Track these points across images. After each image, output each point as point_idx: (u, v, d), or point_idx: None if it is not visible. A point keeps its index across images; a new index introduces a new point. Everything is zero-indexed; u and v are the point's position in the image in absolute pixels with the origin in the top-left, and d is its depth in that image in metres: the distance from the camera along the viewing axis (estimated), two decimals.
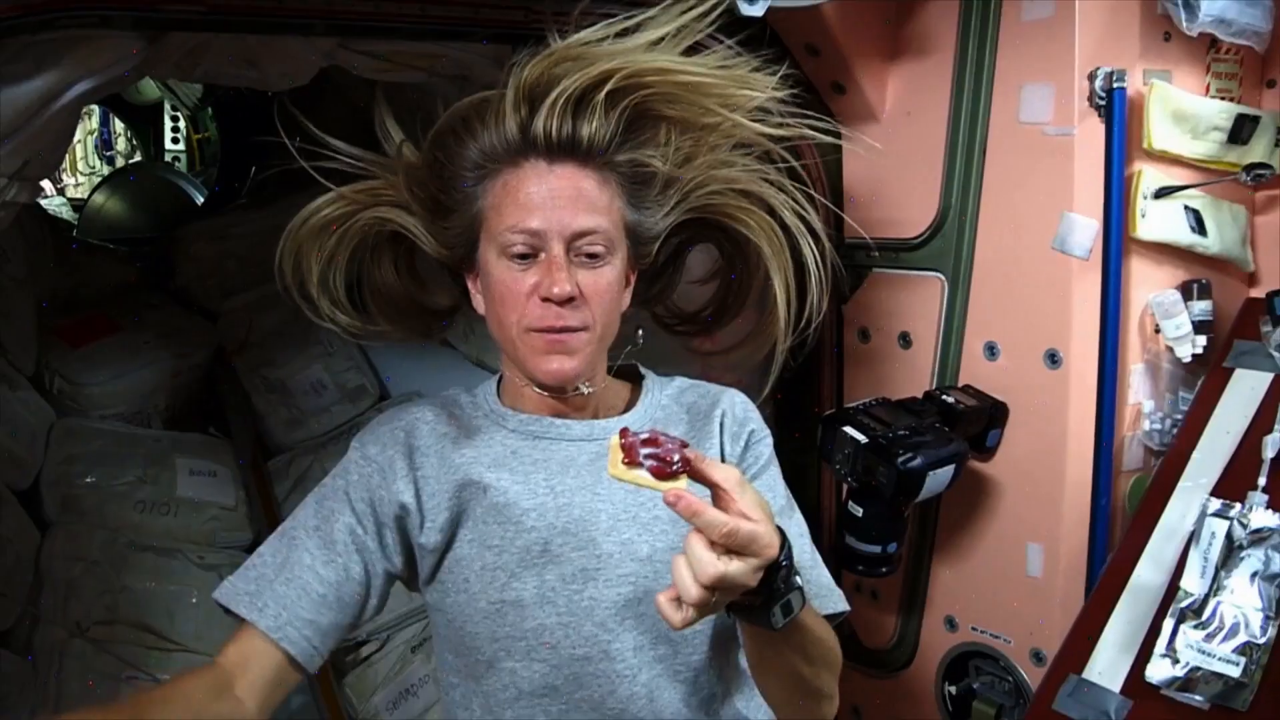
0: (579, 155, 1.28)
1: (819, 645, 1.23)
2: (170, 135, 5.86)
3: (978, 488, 1.93)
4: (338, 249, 1.41)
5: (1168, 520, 1.66)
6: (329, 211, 1.39)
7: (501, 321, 1.29)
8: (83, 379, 2.54)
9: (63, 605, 2.13)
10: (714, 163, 1.37)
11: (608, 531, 1.30)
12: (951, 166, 1.90)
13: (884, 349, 2.09)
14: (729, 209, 1.40)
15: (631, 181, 1.32)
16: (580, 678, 1.29)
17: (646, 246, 1.37)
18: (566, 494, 1.31)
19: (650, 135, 1.33)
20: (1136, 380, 1.82)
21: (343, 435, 2.72)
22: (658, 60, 1.29)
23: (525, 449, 1.34)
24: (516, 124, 1.27)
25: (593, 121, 1.26)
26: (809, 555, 1.36)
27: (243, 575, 1.32)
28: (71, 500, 2.32)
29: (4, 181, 1.48)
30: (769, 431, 1.42)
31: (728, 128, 1.36)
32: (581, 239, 1.26)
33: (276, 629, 1.26)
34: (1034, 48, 1.76)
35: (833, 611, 1.35)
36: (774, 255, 1.41)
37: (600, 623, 1.28)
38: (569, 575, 1.29)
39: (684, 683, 1.32)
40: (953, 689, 2.06)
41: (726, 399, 1.41)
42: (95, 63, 1.48)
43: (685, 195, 1.37)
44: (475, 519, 1.32)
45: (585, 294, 1.26)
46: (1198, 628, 1.49)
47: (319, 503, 1.34)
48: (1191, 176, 1.79)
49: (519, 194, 1.26)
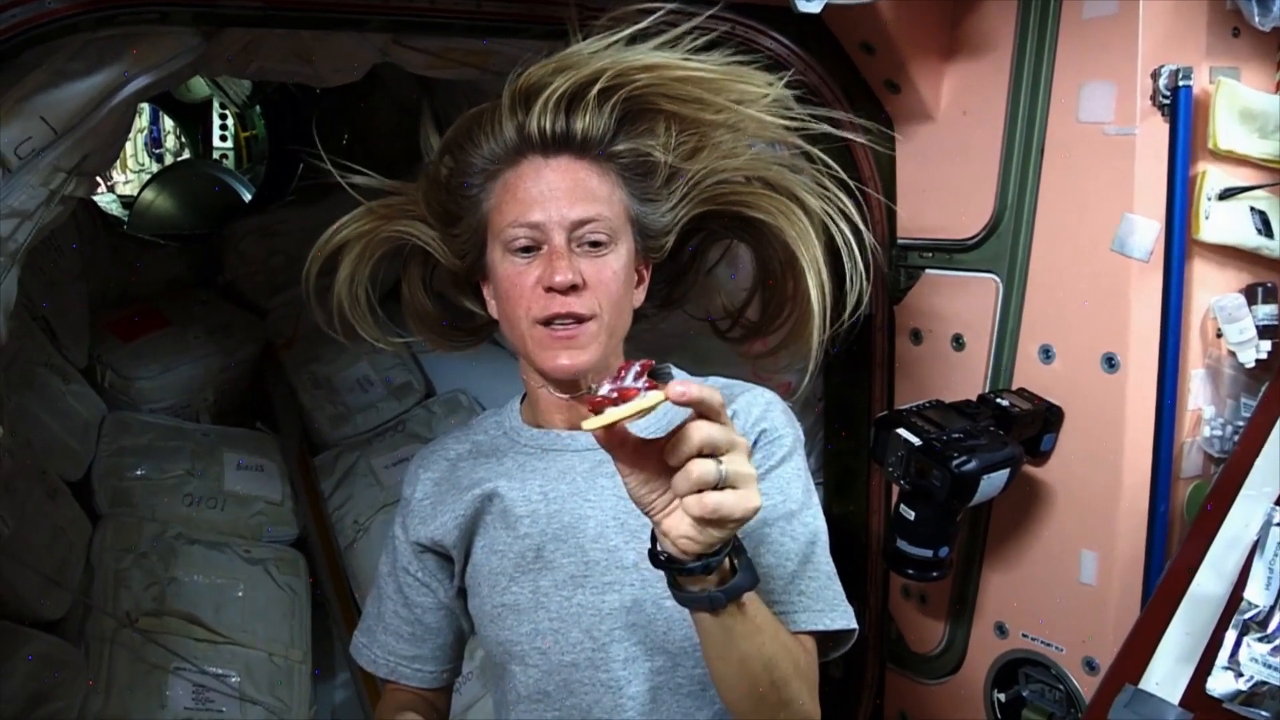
0: (574, 149, 1.31)
1: (787, 646, 1.17)
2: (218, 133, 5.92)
3: (1031, 492, 1.90)
4: (360, 261, 1.45)
5: (1229, 529, 1.62)
6: (357, 226, 1.45)
7: (511, 318, 1.31)
8: (133, 373, 2.57)
9: (113, 596, 2.16)
10: (723, 154, 1.38)
11: (595, 538, 1.30)
12: (1008, 167, 1.87)
13: (936, 351, 2.06)
14: (742, 196, 1.41)
15: (633, 173, 1.34)
16: (570, 684, 1.30)
17: (656, 240, 1.38)
18: (559, 500, 1.33)
19: (648, 127, 1.35)
20: (1196, 385, 1.78)
21: (388, 432, 2.74)
22: (650, 58, 1.32)
23: (532, 462, 1.37)
24: (513, 126, 1.31)
25: (586, 116, 1.30)
26: (826, 563, 1.32)
27: (360, 628, 1.52)
28: (122, 492, 2.36)
29: (63, 176, 1.49)
30: (792, 431, 1.36)
31: (734, 122, 1.37)
32: (582, 227, 1.28)
33: (390, 672, 1.47)
34: (1095, 46, 1.73)
35: (841, 628, 1.29)
36: (800, 239, 1.40)
37: (587, 630, 1.29)
38: (560, 581, 1.31)
39: (689, 696, 1.30)
40: (1002, 696, 2.02)
41: (745, 399, 1.37)
42: (153, 59, 1.49)
43: (693, 187, 1.37)
44: (485, 527, 1.37)
45: (589, 282, 1.27)
46: (1263, 640, 1.45)
47: (386, 551, 1.49)
48: (1258, 177, 1.74)
49: (518, 190, 1.30)
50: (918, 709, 2.22)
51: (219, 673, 2.17)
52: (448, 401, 2.80)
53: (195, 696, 2.13)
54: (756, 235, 1.48)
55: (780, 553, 1.28)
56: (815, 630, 1.28)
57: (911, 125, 2.03)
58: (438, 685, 1.49)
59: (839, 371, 2.26)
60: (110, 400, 2.53)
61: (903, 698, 2.24)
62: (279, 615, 2.31)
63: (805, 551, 1.29)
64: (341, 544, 2.50)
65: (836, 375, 2.27)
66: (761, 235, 1.47)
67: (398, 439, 2.69)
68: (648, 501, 1.01)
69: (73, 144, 1.46)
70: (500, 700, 1.43)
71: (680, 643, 1.27)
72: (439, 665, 1.47)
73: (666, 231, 1.38)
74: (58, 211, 1.53)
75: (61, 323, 2.43)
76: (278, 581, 2.37)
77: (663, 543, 1.02)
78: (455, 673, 1.52)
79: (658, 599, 1.26)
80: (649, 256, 1.39)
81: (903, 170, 2.07)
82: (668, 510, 1.00)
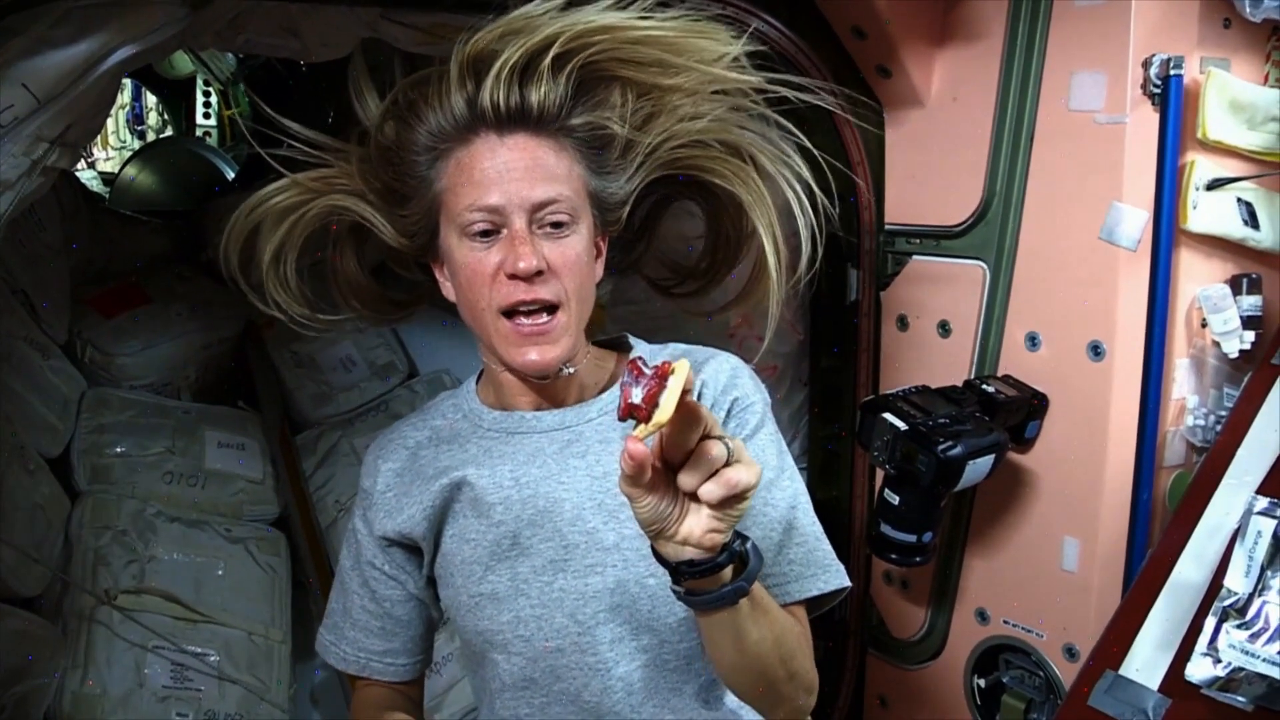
0: (530, 124, 1.24)
1: (782, 623, 1.18)
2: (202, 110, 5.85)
3: (1014, 479, 1.91)
4: (288, 238, 1.38)
5: (1210, 517, 1.63)
6: (281, 199, 1.37)
7: (472, 306, 1.26)
8: (114, 349, 2.54)
9: (91, 573, 2.14)
10: (679, 118, 1.31)
11: (572, 521, 1.27)
12: (997, 153, 1.87)
13: (923, 337, 2.06)
14: (697, 160, 1.35)
15: (589, 146, 1.28)
16: (556, 670, 1.29)
17: (614, 213, 1.33)
18: (531, 485, 1.29)
19: (604, 96, 1.28)
20: (1181, 375, 1.79)
21: (371, 412, 2.72)
22: (604, 19, 1.24)
23: (498, 446, 1.33)
24: (463, 99, 1.23)
25: (541, 87, 1.22)
26: (811, 524, 1.32)
27: (325, 625, 1.48)
28: (101, 469, 2.33)
29: (45, 146, 1.47)
30: (761, 397, 1.34)
31: (690, 85, 1.30)
32: (543, 209, 1.22)
33: (362, 668, 1.43)
34: (1087, 34, 1.73)
35: (836, 588, 1.30)
36: (756, 203, 1.36)
37: (571, 614, 1.27)
38: (539, 567, 1.28)
39: (676, 671, 1.30)
40: (982, 682, 2.04)
41: (711, 367, 1.33)
42: (138, 29, 1.47)
43: (649, 155, 1.32)
44: (455, 516, 1.33)
45: (553, 267, 1.22)
46: (1241, 627, 1.46)
47: (348, 544, 1.44)
48: (1246, 168, 1.75)
49: (473, 171, 1.22)
50: (898, 694, 2.23)
51: (198, 651, 2.16)
52: (431, 382, 2.78)
53: (174, 675, 2.11)
54: (710, 197, 1.43)
55: (764, 524, 1.27)
56: (809, 597, 1.28)
57: (902, 111, 2.03)
58: (411, 677, 1.46)
59: (825, 356, 2.26)
60: (90, 376, 2.50)
61: (883, 682, 2.26)
62: (259, 594, 2.29)
63: (788, 518, 1.28)
64: (323, 523, 2.49)
65: (823, 360, 2.27)
66: (715, 197, 1.42)
67: (381, 419, 2.67)
68: (661, 517, 0.99)
69: (56, 113, 1.43)
70: (480, 687, 1.41)
71: (666, 619, 1.26)
72: (411, 657, 1.44)
73: (623, 203, 1.33)
74: (39, 183, 1.51)
75: (42, 297, 2.40)
76: (258, 561, 2.35)
77: (680, 553, 1.01)
78: (427, 662, 1.48)
79: (640, 578, 1.25)
80: (607, 229, 1.34)
81: (892, 156, 2.07)
82: (680, 517, 0.99)
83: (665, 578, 1.08)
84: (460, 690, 2.31)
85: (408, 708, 1.43)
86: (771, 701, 1.23)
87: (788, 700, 1.23)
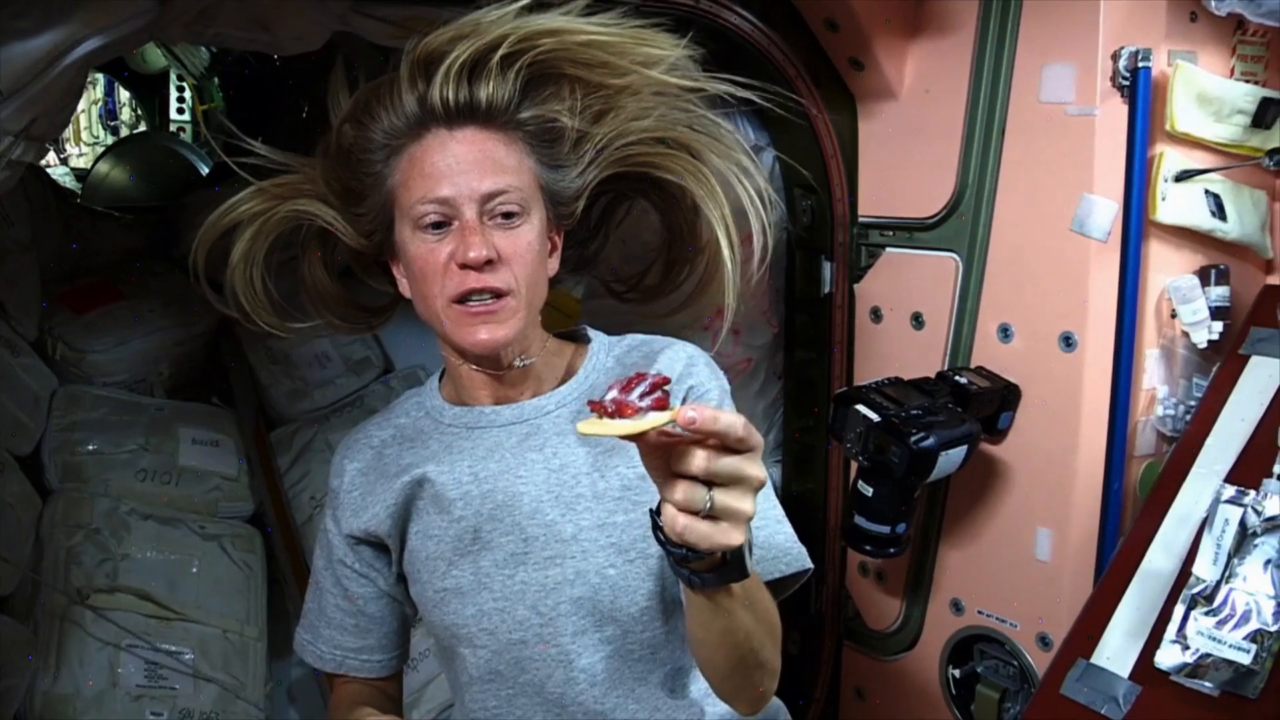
0: (479, 118, 1.27)
1: (766, 611, 1.19)
2: (175, 105, 5.81)
3: (987, 470, 1.92)
4: (254, 244, 1.41)
5: (1180, 506, 1.65)
6: (249, 207, 1.40)
7: (425, 297, 1.29)
8: (86, 345, 2.51)
9: (64, 572, 2.12)
10: (629, 116, 1.35)
11: (530, 514, 1.29)
12: (969, 146, 1.88)
13: (896, 329, 2.07)
14: (649, 157, 1.39)
15: (540, 140, 1.31)
16: (520, 662, 1.30)
17: (567, 206, 1.36)
18: (489, 480, 1.31)
19: (553, 92, 1.31)
20: (1151, 365, 1.80)
21: (346, 407, 2.70)
22: (552, 22, 1.28)
23: (458, 442, 1.35)
24: (414, 97, 1.27)
25: (490, 84, 1.26)
26: (771, 508, 1.33)
27: (302, 624, 1.49)
28: (73, 467, 2.31)
29: (9, 140, 1.45)
30: (718, 384, 1.36)
31: (638, 84, 1.34)
32: (493, 200, 1.25)
33: (339, 666, 1.45)
34: (1057, 26, 1.74)
35: (799, 570, 1.31)
36: (707, 197, 1.39)
37: (532, 606, 1.28)
38: (501, 560, 1.30)
39: (640, 661, 1.31)
40: (957, 672, 2.05)
41: (667, 356, 1.35)
42: (105, 20, 1.44)
43: (601, 150, 1.35)
44: (418, 513, 1.35)
45: (504, 256, 1.25)
46: (1209, 614, 1.48)
47: (320, 544, 1.47)
48: (1213, 160, 1.76)
49: (424, 165, 1.26)
50: (873, 685, 2.24)
51: (172, 650, 2.14)
52: (407, 377, 2.77)
53: (148, 674, 2.09)
54: (664, 195, 1.47)
55: None
56: (772, 579, 1.29)
57: (875, 104, 2.03)
58: (388, 673, 1.47)
59: (799, 349, 2.27)
60: (62, 374, 2.47)
61: (859, 674, 2.27)
62: (234, 592, 2.27)
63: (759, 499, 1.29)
64: (298, 520, 2.48)
65: (797, 352, 2.28)
66: (669, 195, 1.46)
67: (356, 415, 2.66)
68: (657, 483, 0.99)
69: (20, 105, 1.41)
70: (452, 681, 1.44)
71: (628, 609, 1.27)
72: (387, 653, 1.46)
73: (577, 197, 1.36)
74: (4, 176, 1.49)
75: (11, 294, 2.37)
76: (233, 558, 2.33)
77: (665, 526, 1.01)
78: (404, 658, 1.50)
79: (600, 569, 1.26)
80: (561, 223, 1.37)
81: (865, 148, 2.08)
82: None
83: (625, 567, 1.14)
84: (439, 685, 2.31)
85: (386, 704, 1.44)
86: (741, 683, 1.23)
87: (755, 685, 1.24)
